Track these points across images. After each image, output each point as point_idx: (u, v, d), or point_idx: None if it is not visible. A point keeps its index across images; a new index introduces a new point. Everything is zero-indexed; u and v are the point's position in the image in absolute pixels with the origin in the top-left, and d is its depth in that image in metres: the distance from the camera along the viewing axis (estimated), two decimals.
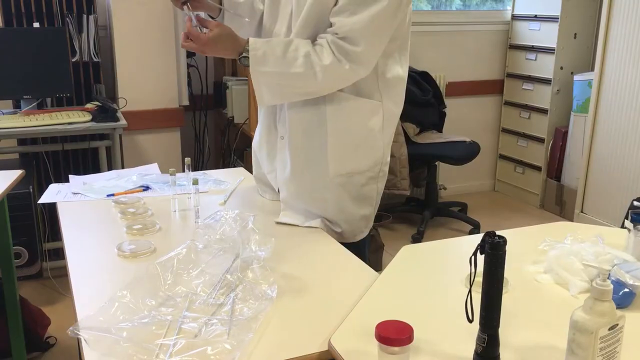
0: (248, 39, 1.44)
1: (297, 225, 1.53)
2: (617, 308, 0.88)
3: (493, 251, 0.88)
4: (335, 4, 1.39)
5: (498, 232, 0.91)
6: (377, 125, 1.52)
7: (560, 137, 4.00)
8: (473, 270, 0.92)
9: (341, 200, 1.53)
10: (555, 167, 4.07)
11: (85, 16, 2.98)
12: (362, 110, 1.50)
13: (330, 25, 1.40)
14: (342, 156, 1.51)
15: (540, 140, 4.13)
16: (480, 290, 0.92)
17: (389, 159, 1.60)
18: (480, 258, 0.91)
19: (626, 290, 1.10)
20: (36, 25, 2.91)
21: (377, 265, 1.62)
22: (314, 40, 1.43)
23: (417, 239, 3.61)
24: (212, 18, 1.60)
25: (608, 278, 0.94)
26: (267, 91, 1.45)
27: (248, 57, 1.42)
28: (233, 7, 1.60)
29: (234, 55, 1.45)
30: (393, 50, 1.49)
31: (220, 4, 1.61)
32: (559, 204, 4.05)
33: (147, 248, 1.36)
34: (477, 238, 0.92)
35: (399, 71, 1.52)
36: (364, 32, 1.36)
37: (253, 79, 1.45)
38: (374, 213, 1.61)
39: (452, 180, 4.39)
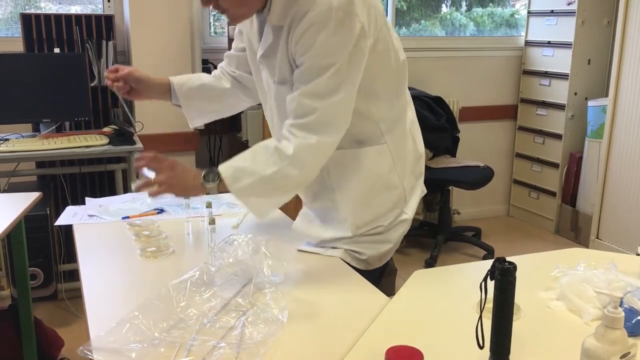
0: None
1: (319, 254, 1.50)
2: (629, 336, 0.88)
3: (503, 277, 0.88)
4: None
5: (511, 258, 0.91)
6: (386, 165, 1.47)
7: (574, 163, 3.98)
8: (483, 296, 0.92)
9: (368, 241, 1.50)
10: (570, 192, 4.04)
11: (104, 42, 3.05)
12: (366, 158, 1.45)
13: None
14: (358, 209, 1.47)
15: (555, 165, 4.11)
16: (491, 316, 0.92)
17: (412, 184, 1.54)
18: (491, 284, 0.91)
19: (639, 318, 1.09)
20: (56, 50, 2.98)
21: (389, 289, 1.61)
22: None
23: (430, 263, 3.59)
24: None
25: (620, 306, 0.94)
26: (258, 203, 1.37)
27: (215, 185, 1.33)
28: (189, 94, 1.68)
29: (198, 182, 1.34)
30: (382, 95, 1.43)
31: (170, 88, 1.68)
32: (574, 229, 4.01)
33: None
34: (489, 263, 0.92)
35: (395, 107, 1.47)
36: (311, 98, 1.30)
37: (238, 199, 1.37)
38: (402, 237, 1.56)
39: (465, 205, 4.38)
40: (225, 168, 1.34)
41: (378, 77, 1.40)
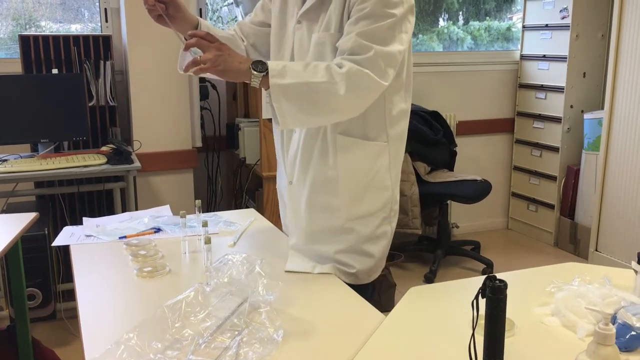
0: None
1: (308, 273, 1.52)
2: (624, 351, 0.88)
3: (494, 295, 0.89)
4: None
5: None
6: (383, 165, 1.54)
7: (572, 175, 3.99)
8: (475, 314, 0.92)
9: (357, 243, 1.54)
10: (568, 205, 4.05)
11: (102, 62, 3.07)
12: (370, 153, 1.52)
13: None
14: (353, 200, 1.52)
15: (553, 178, 4.12)
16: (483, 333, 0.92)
17: (398, 197, 1.61)
18: (483, 301, 0.92)
19: (633, 333, 1.09)
20: (55, 71, 3.00)
21: (389, 305, 1.62)
22: None
23: (429, 278, 3.58)
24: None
25: (614, 321, 0.94)
26: (289, 108, 1.37)
27: (260, 76, 1.36)
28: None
29: (244, 67, 1.37)
30: (400, 87, 1.51)
31: (197, 27, 1.62)
32: (573, 242, 4.01)
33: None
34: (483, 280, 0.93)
35: (403, 106, 1.54)
36: (369, 40, 1.36)
37: (273, 96, 1.36)
38: (387, 252, 1.61)
39: (464, 219, 4.38)
40: (275, 63, 1.38)
41: (399, 71, 1.47)
